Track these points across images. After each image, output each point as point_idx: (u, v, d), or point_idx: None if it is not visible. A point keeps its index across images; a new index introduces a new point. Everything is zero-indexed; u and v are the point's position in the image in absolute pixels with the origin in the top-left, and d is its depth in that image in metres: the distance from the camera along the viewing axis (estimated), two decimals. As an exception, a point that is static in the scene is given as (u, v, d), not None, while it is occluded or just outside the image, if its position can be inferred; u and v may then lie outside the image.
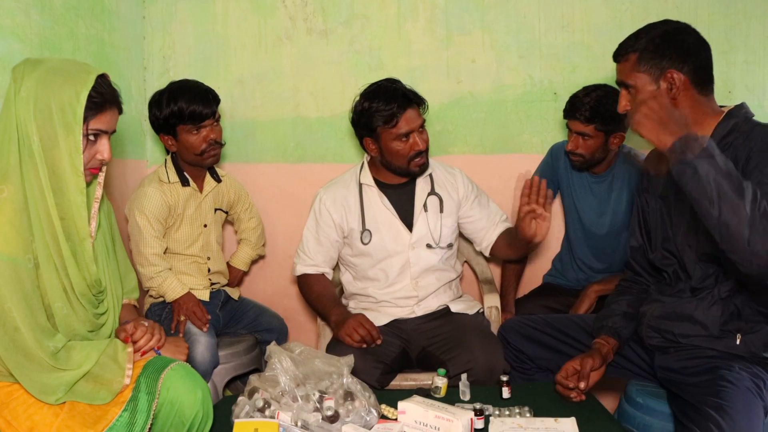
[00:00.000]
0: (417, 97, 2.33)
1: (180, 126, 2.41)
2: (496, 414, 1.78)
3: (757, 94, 2.81)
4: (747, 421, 1.61)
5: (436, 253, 2.42)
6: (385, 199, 2.42)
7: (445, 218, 2.43)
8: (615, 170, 2.57)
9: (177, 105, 2.38)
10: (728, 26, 2.76)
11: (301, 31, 2.91)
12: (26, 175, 1.53)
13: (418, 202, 2.42)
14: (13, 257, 1.48)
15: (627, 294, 2.05)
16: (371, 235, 2.40)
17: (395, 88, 2.31)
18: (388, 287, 2.43)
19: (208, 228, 2.58)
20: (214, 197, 2.62)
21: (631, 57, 1.79)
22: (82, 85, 1.54)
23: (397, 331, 2.37)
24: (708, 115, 1.78)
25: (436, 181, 2.46)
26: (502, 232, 2.46)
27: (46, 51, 2.20)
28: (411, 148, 2.31)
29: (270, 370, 1.75)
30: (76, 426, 1.54)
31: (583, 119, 2.43)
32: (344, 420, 1.66)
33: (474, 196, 2.49)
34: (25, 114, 1.51)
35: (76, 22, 2.39)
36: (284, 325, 2.72)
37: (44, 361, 1.52)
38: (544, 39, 2.85)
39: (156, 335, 1.75)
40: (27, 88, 1.52)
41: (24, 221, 1.52)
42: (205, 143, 2.43)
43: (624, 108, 1.83)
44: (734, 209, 1.54)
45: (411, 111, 2.29)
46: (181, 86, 2.43)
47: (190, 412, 1.63)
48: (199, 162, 2.48)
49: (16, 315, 1.48)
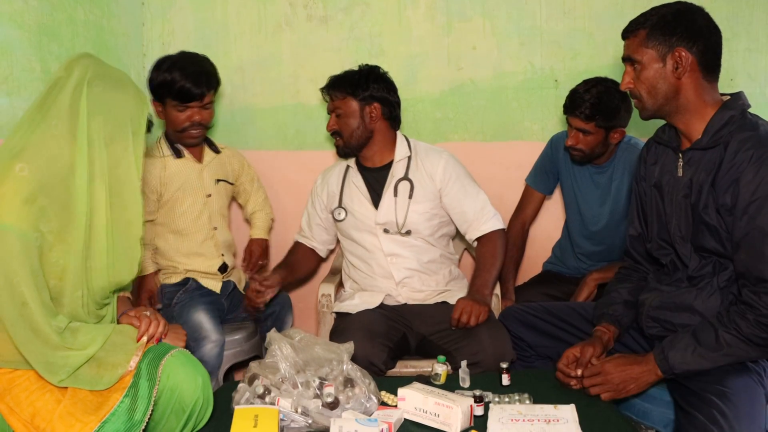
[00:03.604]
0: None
1: (168, 100, 2.42)
2: (495, 401, 1.79)
3: (759, 82, 2.80)
4: (750, 407, 1.62)
5: (398, 238, 2.44)
6: (359, 179, 2.49)
7: (415, 204, 2.43)
8: (616, 160, 2.55)
9: (171, 76, 2.37)
10: (731, 13, 2.74)
11: (301, 18, 2.90)
12: (79, 159, 1.56)
13: (388, 186, 2.45)
14: (24, 232, 1.48)
15: (627, 282, 2.05)
16: (345, 213, 2.49)
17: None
18: (367, 265, 2.48)
19: (211, 198, 2.56)
20: (216, 168, 2.61)
21: (640, 33, 1.77)
22: (145, 105, 1.69)
23: (397, 316, 2.37)
24: (708, 105, 1.76)
25: (411, 167, 2.46)
26: (483, 237, 2.46)
27: (45, 37, 2.19)
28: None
29: (270, 356, 1.76)
30: (78, 413, 1.54)
31: (583, 117, 2.40)
32: (344, 406, 1.66)
33: (458, 184, 2.45)
34: (96, 107, 1.58)
35: (74, 8, 2.38)
36: (287, 300, 2.72)
37: (50, 337, 1.52)
38: (545, 26, 2.83)
39: (162, 323, 1.76)
40: (100, 84, 1.60)
41: (43, 200, 1.52)
42: (189, 122, 2.43)
43: (627, 85, 1.81)
44: (727, 356, 1.69)
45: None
46: (185, 58, 2.43)
47: (190, 399, 1.64)
48: (179, 139, 2.49)
49: (24, 290, 1.48)
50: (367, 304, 2.39)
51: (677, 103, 1.76)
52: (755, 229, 1.64)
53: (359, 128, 2.42)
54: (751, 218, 1.64)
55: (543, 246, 2.90)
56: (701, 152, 1.76)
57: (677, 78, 1.74)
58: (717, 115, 1.74)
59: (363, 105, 2.41)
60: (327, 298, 2.53)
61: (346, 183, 2.53)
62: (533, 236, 2.88)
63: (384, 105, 2.43)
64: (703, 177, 1.74)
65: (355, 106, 2.41)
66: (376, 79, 2.43)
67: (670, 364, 1.72)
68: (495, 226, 2.46)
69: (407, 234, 2.44)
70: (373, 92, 2.41)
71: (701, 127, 1.76)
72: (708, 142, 1.73)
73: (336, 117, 2.44)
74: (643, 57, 1.76)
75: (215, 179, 2.59)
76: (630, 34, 1.80)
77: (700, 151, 1.76)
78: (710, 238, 1.75)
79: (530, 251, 2.90)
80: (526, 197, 2.80)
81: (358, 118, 2.41)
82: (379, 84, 2.43)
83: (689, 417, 1.65)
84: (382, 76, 2.46)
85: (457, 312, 2.24)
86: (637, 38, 1.77)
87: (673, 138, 1.86)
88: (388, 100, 2.44)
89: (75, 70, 1.59)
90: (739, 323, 1.66)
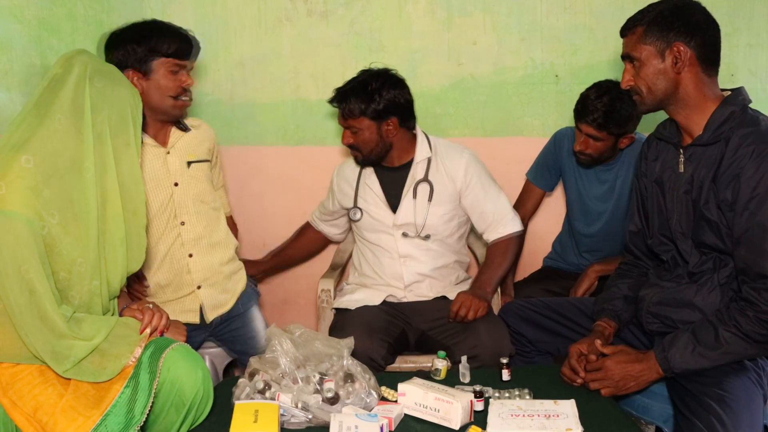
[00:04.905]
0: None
1: (158, 60, 2.08)
2: (495, 396, 1.79)
3: (760, 77, 2.79)
4: (748, 414, 1.62)
5: (415, 241, 2.41)
6: (374, 181, 2.45)
7: (435, 207, 2.39)
8: (623, 157, 2.54)
9: (162, 27, 2.13)
10: (731, 8, 2.74)
11: (302, 13, 2.89)
12: (85, 152, 1.59)
13: (408, 189, 2.41)
14: (31, 219, 1.49)
15: (627, 277, 2.05)
16: (361, 213, 2.46)
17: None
18: (379, 263, 2.46)
19: (180, 187, 2.20)
20: (185, 148, 2.23)
21: (638, 29, 1.76)
22: (138, 97, 1.72)
23: (396, 312, 2.38)
24: (709, 99, 1.76)
25: (432, 168, 2.42)
26: (500, 240, 2.44)
27: (44, 32, 2.19)
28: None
29: (270, 352, 1.76)
30: (81, 406, 1.55)
31: (595, 125, 2.36)
32: (344, 402, 1.67)
33: (479, 186, 2.42)
34: (99, 102, 1.61)
35: (74, 3, 2.37)
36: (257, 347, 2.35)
37: (58, 324, 1.53)
38: (545, 21, 2.83)
39: (164, 316, 1.77)
40: (100, 80, 1.63)
41: (49, 192, 1.53)
42: (182, 87, 2.13)
43: (627, 83, 1.80)
44: (727, 354, 1.69)
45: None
46: (161, 23, 2.16)
47: (190, 392, 1.64)
48: (168, 109, 2.13)
49: (33, 276, 1.49)
50: (367, 301, 2.39)
51: (677, 97, 1.76)
52: (756, 224, 1.64)
53: (378, 145, 2.35)
54: (751, 214, 1.64)
55: (543, 240, 2.90)
56: (702, 148, 1.76)
57: (677, 73, 1.73)
58: (718, 111, 1.74)
59: (379, 123, 2.32)
60: (327, 294, 2.53)
61: (360, 184, 2.49)
62: (533, 231, 2.89)
63: (400, 115, 2.35)
64: (704, 173, 1.74)
65: (372, 124, 2.32)
66: (388, 87, 2.32)
67: (670, 363, 1.72)
68: (513, 228, 2.45)
69: (426, 238, 2.40)
70: (388, 105, 2.31)
71: (702, 122, 1.75)
72: (709, 138, 1.73)
73: (352, 133, 2.35)
74: (641, 54, 1.76)
75: (186, 161, 2.23)
76: (628, 32, 1.80)
77: (701, 147, 1.76)
78: (711, 234, 1.75)
79: (530, 246, 2.90)
80: (526, 192, 2.79)
81: (375, 135, 2.34)
82: (391, 92, 2.32)
83: (688, 423, 1.65)
84: (391, 80, 2.35)
85: (456, 305, 2.24)
86: (635, 35, 1.77)
87: (674, 134, 1.86)
88: (403, 107, 2.36)
89: (74, 66, 1.61)
90: (739, 320, 1.66)
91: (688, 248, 1.83)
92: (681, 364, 1.71)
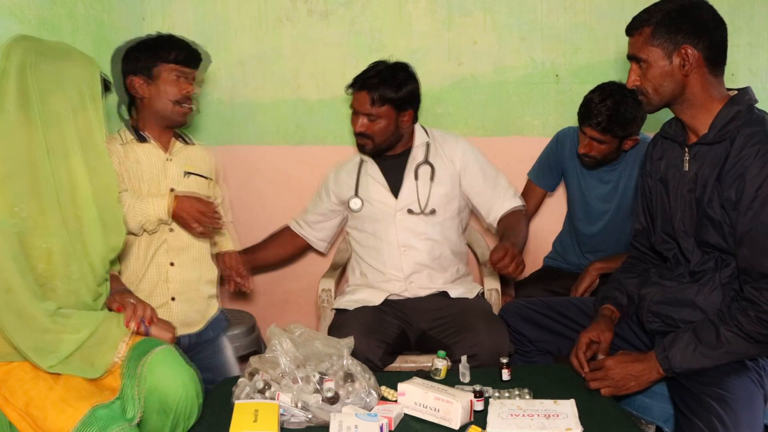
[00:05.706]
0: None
1: (164, 65, 2.14)
2: (495, 396, 1.79)
3: (760, 77, 2.79)
4: (749, 414, 1.61)
5: (422, 219, 2.43)
6: (375, 168, 2.49)
7: (437, 186, 2.44)
8: (626, 157, 2.53)
9: (170, 37, 2.19)
10: (732, 8, 2.74)
11: (302, 12, 2.89)
12: (37, 140, 1.57)
13: (409, 171, 2.45)
14: (1, 219, 1.50)
15: (632, 272, 2.05)
16: (362, 203, 2.48)
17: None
18: (378, 256, 2.46)
19: (174, 193, 2.17)
20: (185, 159, 2.27)
21: (645, 30, 1.74)
22: (94, 66, 1.69)
23: (396, 312, 2.38)
24: (715, 99, 1.75)
25: (431, 152, 2.48)
26: (506, 214, 2.45)
27: (45, 31, 2.19)
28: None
29: (270, 351, 1.76)
30: (71, 398, 1.55)
31: (599, 129, 2.37)
32: (344, 401, 1.66)
33: (477, 166, 2.48)
34: (48, 86, 1.59)
35: (74, 3, 2.37)
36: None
37: (39, 320, 1.53)
38: (546, 20, 2.83)
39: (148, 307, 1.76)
40: (45, 62, 1.60)
41: (13, 187, 1.54)
42: (183, 94, 2.16)
43: (633, 83, 1.79)
44: (728, 354, 1.68)
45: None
46: (169, 35, 2.22)
47: (173, 399, 1.60)
48: (170, 114, 2.17)
49: (8, 275, 1.50)
50: (367, 302, 2.39)
51: (683, 97, 1.75)
52: (759, 224, 1.64)
53: (393, 135, 2.43)
54: (755, 214, 1.64)
55: (544, 240, 2.90)
56: (707, 147, 1.75)
57: (684, 75, 1.72)
58: (724, 110, 1.73)
59: (399, 113, 2.40)
60: (327, 294, 2.53)
61: (361, 174, 2.52)
62: (533, 231, 2.87)
63: (416, 109, 2.45)
64: (709, 172, 1.74)
65: (393, 113, 2.39)
66: (411, 80, 2.43)
67: (671, 363, 1.72)
68: (516, 203, 2.49)
69: (432, 213, 2.44)
70: (410, 97, 2.41)
71: (707, 121, 1.75)
72: (714, 136, 1.72)
73: (369, 121, 2.39)
74: (648, 55, 1.74)
75: (183, 171, 2.25)
76: (634, 32, 1.78)
77: (707, 145, 1.75)
78: (713, 233, 1.75)
79: (530, 246, 2.90)
80: (527, 192, 2.79)
81: (393, 125, 2.41)
82: (413, 84, 2.43)
83: (689, 423, 1.65)
84: (412, 75, 2.45)
85: (500, 252, 2.09)
86: (642, 36, 1.75)
87: (679, 132, 1.85)
88: (419, 101, 2.46)
89: (13, 55, 1.59)
90: (741, 320, 1.66)
91: (691, 247, 1.83)
92: (682, 363, 1.71)
